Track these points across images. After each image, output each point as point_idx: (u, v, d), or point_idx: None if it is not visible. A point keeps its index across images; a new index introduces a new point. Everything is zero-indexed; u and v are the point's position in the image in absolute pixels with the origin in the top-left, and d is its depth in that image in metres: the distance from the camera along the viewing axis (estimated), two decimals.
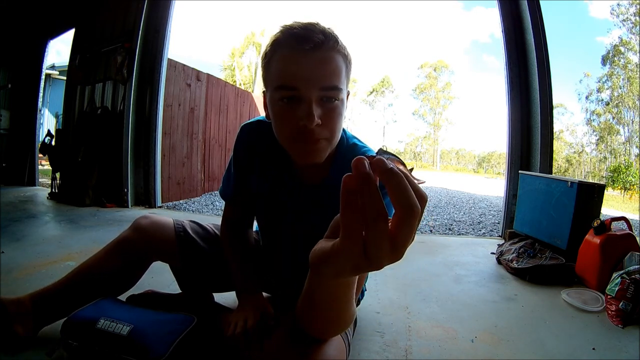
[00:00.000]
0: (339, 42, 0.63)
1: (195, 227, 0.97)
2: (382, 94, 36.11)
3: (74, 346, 0.76)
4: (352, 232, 0.29)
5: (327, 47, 0.61)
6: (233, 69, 20.85)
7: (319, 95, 0.61)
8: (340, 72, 0.63)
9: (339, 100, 0.64)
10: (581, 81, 25.16)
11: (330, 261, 0.32)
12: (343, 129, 0.75)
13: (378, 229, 0.28)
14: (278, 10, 52.16)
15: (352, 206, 0.28)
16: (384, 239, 0.28)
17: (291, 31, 0.61)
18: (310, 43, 0.59)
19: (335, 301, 0.45)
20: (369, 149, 0.78)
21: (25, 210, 2.70)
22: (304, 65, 0.60)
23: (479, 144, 66.86)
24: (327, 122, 0.63)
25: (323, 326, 0.54)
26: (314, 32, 0.60)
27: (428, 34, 62.22)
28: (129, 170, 3.13)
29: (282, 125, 0.65)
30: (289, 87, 0.61)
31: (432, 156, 36.88)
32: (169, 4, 3.20)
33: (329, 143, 0.66)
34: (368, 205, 0.27)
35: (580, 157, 26.27)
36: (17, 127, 4.31)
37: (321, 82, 0.61)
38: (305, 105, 0.61)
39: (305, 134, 0.62)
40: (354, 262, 0.30)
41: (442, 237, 2.70)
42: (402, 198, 0.27)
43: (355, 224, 0.28)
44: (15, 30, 4.08)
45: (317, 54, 0.60)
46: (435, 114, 35.13)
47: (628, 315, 1.19)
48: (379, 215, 0.27)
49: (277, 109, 0.64)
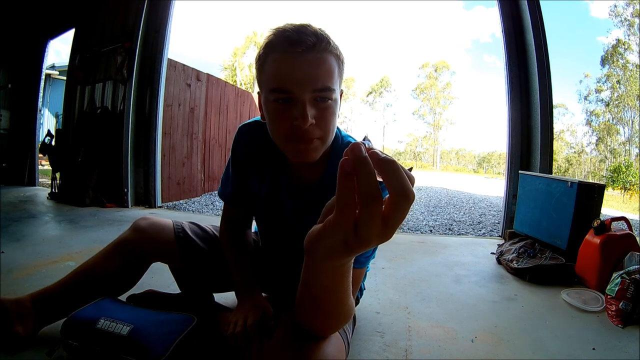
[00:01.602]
0: (330, 43, 0.63)
1: (195, 228, 0.97)
2: (380, 94, 36.13)
3: (74, 346, 0.76)
4: (346, 208, 0.30)
5: (319, 48, 0.61)
6: (234, 68, 20.87)
7: (313, 96, 0.62)
8: (333, 72, 0.64)
9: (332, 100, 0.64)
10: (581, 82, 25.21)
11: (322, 237, 0.34)
12: (337, 127, 0.76)
13: (371, 210, 0.29)
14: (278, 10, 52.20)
15: (348, 186, 0.30)
16: (375, 219, 0.29)
17: (283, 33, 0.61)
18: (302, 45, 0.60)
19: (331, 291, 0.45)
20: None
21: (25, 210, 2.70)
22: (297, 67, 0.60)
23: (479, 144, 67.09)
24: (320, 121, 0.64)
25: (321, 320, 0.54)
26: (306, 35, 0.60)
27: (428, 34, 62.27)
28: (129, 170, 3.13)
29: (277, 126, 0.66)
30: (283, 90, 0.62)
31: (432, 156, 36.91)
32: (169, 4, 3.20)
33: (322, 142, 0.67)
34: (364, 187, 0.29)
35: (580, 157, 26.27)
36: (17, 127, 4.31)
37: (314, 83, 0.61)
38: (299, 106, 0.61)
39: (299, 134, 0.63)
40: (344, 237, 0.32)
41: (442, 237, 2.70)
42: (397, 184, 0.29)
43: (349, 202, 0.30)
44: (15, 30, 4.08)
45: (309, 56, 0.61)
46: (435, 114, 35.15)
47: (628, 315, 1.19)
48: (375, 196, 0.29)
49: (271, 109, 0.65)
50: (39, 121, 4.30)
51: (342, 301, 0.48)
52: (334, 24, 62.28)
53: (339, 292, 0.46)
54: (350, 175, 0.29)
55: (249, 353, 0.70)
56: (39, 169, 4.54)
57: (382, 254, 1.94)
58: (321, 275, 0.42)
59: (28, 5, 3.96)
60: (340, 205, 0.30)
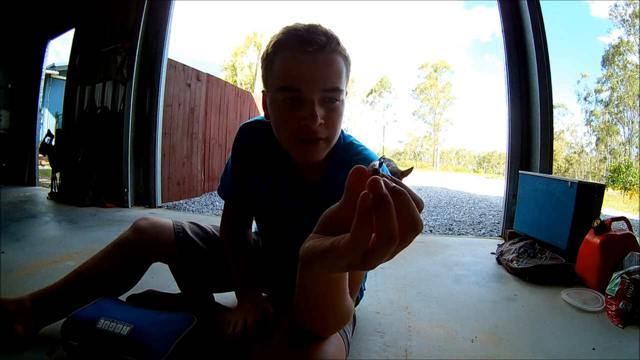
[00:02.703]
0: (340, 44, 0.64)
1: (195, 228, 0.97)
2: (380, 95, 36.13)
3: (74, 346, 0.76)
4: (362, 241, 0.29)
5: (329, 49, 0.61)
6: (234, 68, 20.88)
7: (321, 96, 0.62)
8: (341, 73, 0.64)
9: (339, 101, 0.65)
10: (579, 82, 25.20)
11: (328, 258, 0.33)
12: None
13: (388, 247, 0.28)
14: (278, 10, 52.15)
15: (367, 222, 0.28)
16: (388, 254, 0.29)
17: (294, 32, 0.61)
18: (313, 45, 0.60)
19: (328, 294, 0.45)
20: (364, 147, 0.78)
21: (25, 210, 2.70)
22: (307, 67, 0.61)
23: (479, 144, 67.07)
24: (328, 122, 0.64)
25: (319, 322, 0.54)
26: (316, 34, 0.60)
27: (428, 34, 62.26)
28: (129, 170, 3.13)
29: (284, 125, 0.66)
30: (292, 89, 0.62)
31: (432, 156, 36.89)
32: (169, 4, 3.20)
33: (328, 143, 0.67)
34: (384, 226, 0.28)
35: (580, 157, 26.27)
36: (17, 127, 4.31)
37: (324, 83, 0.61)
38: (308, 105, 0.62)
39: (307, 134, 0.63)
40: (351, 261, 0.31)
41: (442, 237, 2.70)
42: (407, 216, 0.28)
43: (367, 236, 0.29)
44: (15, 30, 4.08)
45: (319, 56, 0.61)
46: (435, 114, 35.14)
47: (628, 315, 1.19)
48: (393, 236, 0.28)
49: (278, 109, 0.65)
50: (39, 121, 4.30)
51: (340, 303, 0.48)
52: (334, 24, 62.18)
53: (336, 295, 0.46)
54: (370, 214, 0.28)
55: (249, 353, 0.70)
56: (39, 169, 4.54)
57: None
58: (317, 281, 0.42)
59: (28, 5, 3.96)
60: (355, 238, 0.29)
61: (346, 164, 0.73)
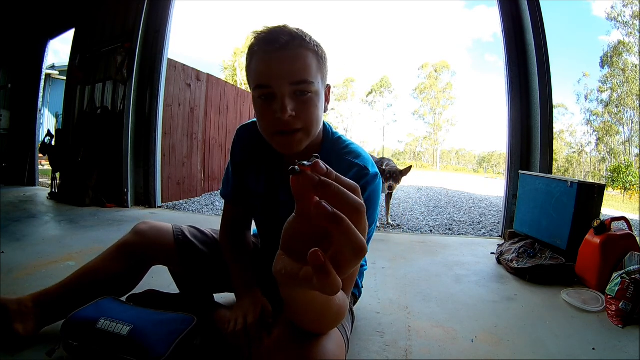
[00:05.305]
0: (306, 40, 0.68)
1: (194, 231, 0.99)
2: (381, 94, 36.14)
3: (74, 346, 0.76)
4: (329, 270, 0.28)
5: (293, 45, 0.66)
6: (234, 68, 20.89)
7: (291, 89, 0.67)
8: (310, 67, 0.68)
9: (312, 93, 0.69)
10: (579, 81, 25.19)
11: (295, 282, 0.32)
12: (325, 123, 0.81)
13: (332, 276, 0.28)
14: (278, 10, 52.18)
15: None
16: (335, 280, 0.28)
17: (262, 35, 0.68)
18: (276, 44, 0.66)
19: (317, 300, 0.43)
20: (351, 142, 0.83)
21: (25, 210, 2.70)
22: (273, 64, 0.66)
23: (479, 144, 67.14)
24: (301, 113, 0.68)
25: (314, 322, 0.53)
26: (279, 34, 0.66)
27: (429, 34, 62.29)
28: (129, 170, 3.13)
29: (262, 120, 0.71)
30: (264, 86, 0.67)
31: (432, 156, 36.91)
32: (169, 4, 3.20)
33: (306, 134, 0.71)
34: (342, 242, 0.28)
35: (580, 157, 26.27)
36: (17, 127, 4.32)
37: (290, 77, 0.66)
38: (279, 99, 0.67)
39: (281, 126, 0.68)
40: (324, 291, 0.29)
41: (442, 237, 2.70)
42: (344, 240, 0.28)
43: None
44: (15, 30, 4.08)
45: (284, 53, 0.66)
46: (435, 114, 35.13)
47: (628, 315, 1.19)
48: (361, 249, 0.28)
49: (257, 106, 0.70)
50: (39, 121, 4.30)
51: (331, 305, 0.47)
52: (334, 24, 62.32)
53: (325, 300, 0.44)
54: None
55: (250, 351, 0.70)
56: (39, 169, 4.54)
57: (382, 254, 1.94)
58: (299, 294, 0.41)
59: (28, 5, 3.96)
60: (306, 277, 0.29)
61: (335, 157, 0.78)
